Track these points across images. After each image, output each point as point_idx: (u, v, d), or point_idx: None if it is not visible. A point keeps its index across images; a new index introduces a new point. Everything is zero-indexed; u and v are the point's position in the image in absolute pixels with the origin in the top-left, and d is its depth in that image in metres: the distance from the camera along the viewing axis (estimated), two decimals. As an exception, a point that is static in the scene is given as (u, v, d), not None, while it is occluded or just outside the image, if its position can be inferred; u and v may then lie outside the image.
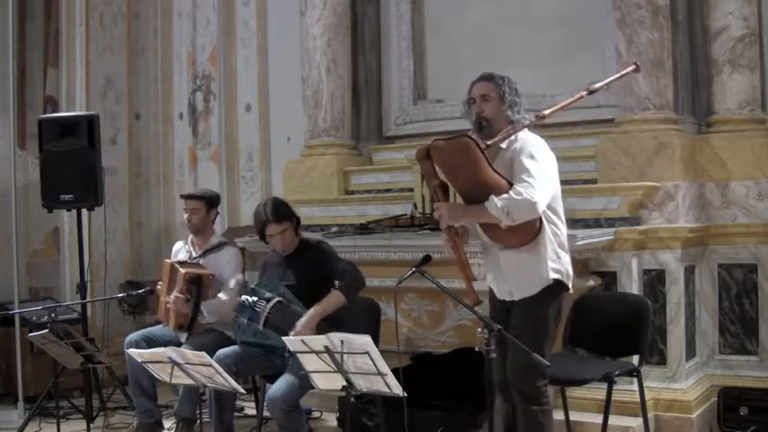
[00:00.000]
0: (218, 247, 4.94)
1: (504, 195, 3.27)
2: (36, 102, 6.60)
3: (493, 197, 3.27)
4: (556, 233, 3.47)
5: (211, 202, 4.99)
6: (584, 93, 3.64)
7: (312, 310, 4.13)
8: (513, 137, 3.45)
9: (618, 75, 3.91)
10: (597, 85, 3.69)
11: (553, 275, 3.44)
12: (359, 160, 6.01)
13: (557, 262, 3.45)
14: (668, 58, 4.73)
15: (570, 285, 3.55)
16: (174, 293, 4.56)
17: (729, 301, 4.81)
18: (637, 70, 3.94)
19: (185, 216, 4.96)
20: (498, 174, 3.34)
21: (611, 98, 4.90)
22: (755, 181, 4.74)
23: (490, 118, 3.48)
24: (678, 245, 4.57)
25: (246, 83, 6.89)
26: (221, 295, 4.74)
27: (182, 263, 4.79)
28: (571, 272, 3.54)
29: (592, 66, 5.18)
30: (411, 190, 5.33)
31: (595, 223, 4.68)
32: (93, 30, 6.71)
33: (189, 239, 5.05)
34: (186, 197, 5.04)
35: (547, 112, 3.52)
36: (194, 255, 4.93)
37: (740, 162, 4.75)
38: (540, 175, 3.31)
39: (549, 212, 3.42)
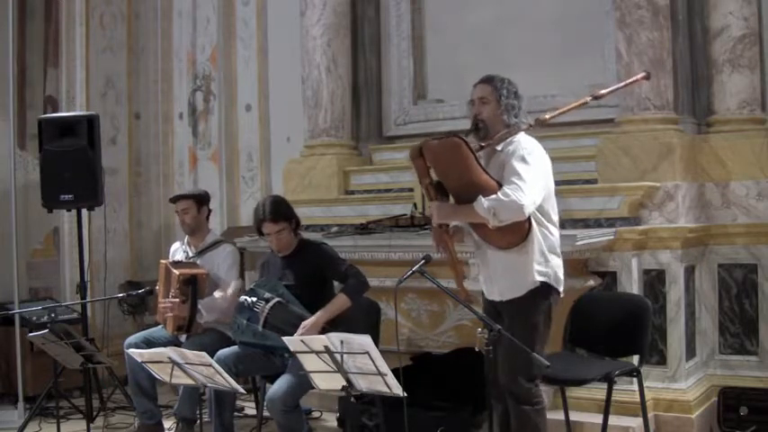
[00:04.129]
0: (215, 245, 4.94)
1: (492, 196, 3.31)
2: (36, 102, 6.60)
3: (481, 197, 3.32)
4: (546, 236, 3.49)
5: (200, 200, 4.99)
6: (589, 98, 3.66)
7: (319, 314, 4.11)
8: (508, 139, 3.47)
9: (625, 82, 3.93)
10: (603, 92, 3.71)
11: (539, 278, 3.46)
12: (359, 160, 6.01)
13: (543, 265, 3.47)
14: (668, 58, 4.73)
15: (561, 289, 3.55)
16: (170, 297, 4.55)
17: (729, 301, 4.81)
18: (647, 77, 3.93)
19: (178, 219, 4.97)
20: (488, 175, 3.39)
21: (611, 98, 4.86)
22: (755, 181, 4.74)
23: (486, 120, 3.53)
24: (678, 245, 4.57)
25: (246, 83, 6.90)
26: (217, 293, 4.74)
27: (176, 263, 4.79)
28: (561, 275, 3.55)
29: (592, 66, 5.19)
30: (411, 190, 5.32)
31: (595, 223, 4.68)
32: (93, 30, 6.71)
33: (185, 240, 5.05)
34: (175, 199, 5.04)
35: (547, 116, 3.55)
36: (191, 255, 4.93)
37: (740, 162, 4.75)
38: (529, 178, 3.34)
39: (539, 215, 3.45)
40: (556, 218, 3.57)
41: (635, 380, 4.00)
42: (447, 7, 5.91)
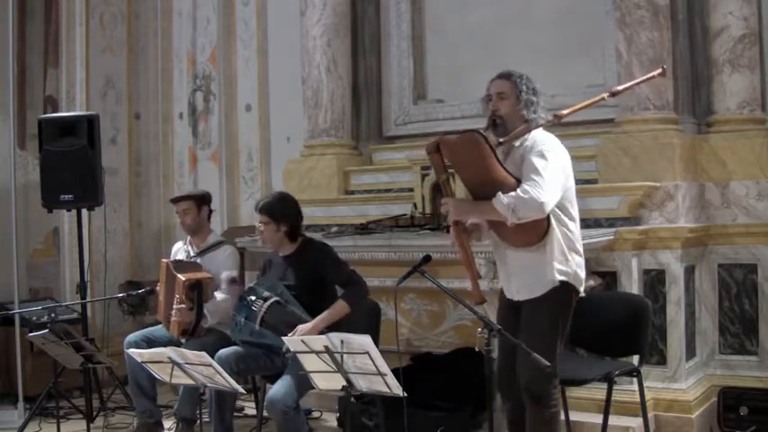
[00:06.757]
0: (216, 246, 4.94)
1: (512, 193, 3.26)
2: (36, 102, 6.60)
3: (500, 194, 3.26)
4: (566, 234, 3.43)
5: (200, 199, 4.98)
6: (606, 95, 3.62)
7: (317, 319, 4.10)
8: (525, 135, 3.44)
9: (642, 78, 3.89)
10: (619, 88, 3.69)
11: (559, 277, 3.40)
12: (359, 160, 6.01)
13: (564, 264, 3.41)
14: (668, 57, 4.72)
15: (581, 288, 3.51)
16: (176, 306, 4.55)
17: (729, 301, 4.81)
18: (662, 74, 3.92)
19: (179, 219, 4.98)
20: (507, 171, 3.34)
21: (611, 98, 4.89)
22: (755, 181, 4.74)
23: (504, 116, 3.48)
24: (678, 245, 4.57)
25: (246, 83, 6.89)
26: (217, 294, 4.74)
27: (178, 263, 4.79)
28: (582, 274, 3.49)
29: (592, 66, 5.19)
30: (411, 190, 5.33)
31: (595, 223, 4.68)
32: (93, 30, 6.71)
33: (187, 239, 5.06)
34: (175, 200, 5.04)
35: (564, 112, 3.50)
36: (192, 254, 4.93)
37: (740, 162, 4.75)
38: (548, 174, 3.29)
39: (560, 213, 3.40)
40: (576, 214, 3.51)
41: (635, 380, 4.00)
42: (447, 7, 5.91)
